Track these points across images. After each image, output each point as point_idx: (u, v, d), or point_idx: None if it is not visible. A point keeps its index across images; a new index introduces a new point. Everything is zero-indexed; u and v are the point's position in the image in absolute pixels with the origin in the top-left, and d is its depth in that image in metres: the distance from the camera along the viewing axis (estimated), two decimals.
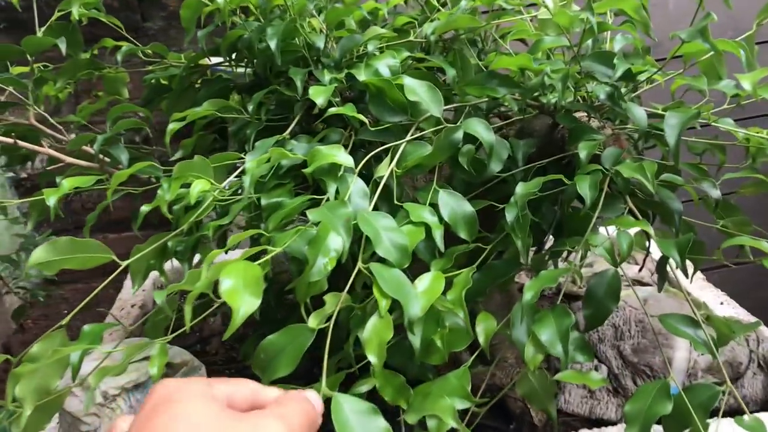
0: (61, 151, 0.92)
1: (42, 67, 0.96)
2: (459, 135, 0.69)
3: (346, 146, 0.73)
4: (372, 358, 0.59)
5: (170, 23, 1.59)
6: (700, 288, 1.14)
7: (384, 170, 0.69)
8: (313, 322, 0.61)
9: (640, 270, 1.14)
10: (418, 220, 0.67)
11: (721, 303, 1.07)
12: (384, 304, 0.59)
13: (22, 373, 0.60)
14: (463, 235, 0.69)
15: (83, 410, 0.75)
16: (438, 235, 0.67)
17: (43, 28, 0.91)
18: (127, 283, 1.23)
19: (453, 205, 0.70)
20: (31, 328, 1.69)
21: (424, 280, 0.63)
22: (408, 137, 0.72)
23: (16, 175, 1.66)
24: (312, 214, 0.62)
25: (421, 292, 0.62)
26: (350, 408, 0.55)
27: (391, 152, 0.72)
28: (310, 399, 0.46)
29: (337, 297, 0.62)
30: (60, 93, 1.03)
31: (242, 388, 0.44)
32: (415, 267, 0.65)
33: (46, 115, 0.92)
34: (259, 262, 0.59)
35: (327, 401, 0.55)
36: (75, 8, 0.86)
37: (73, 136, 0.95)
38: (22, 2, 0.91)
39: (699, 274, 1.22)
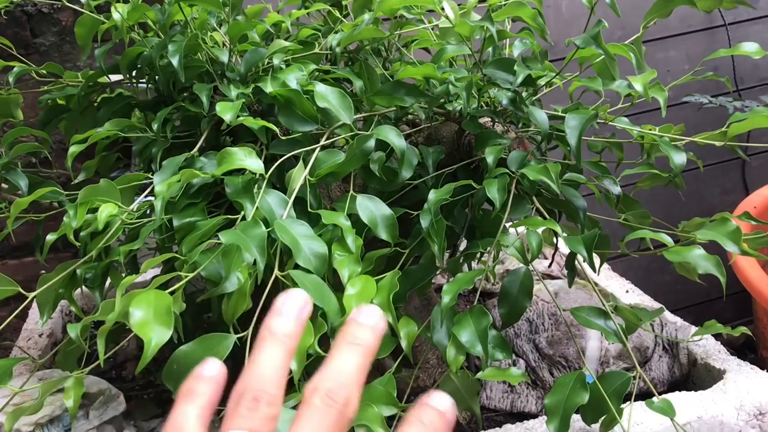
0: None
1: None
2: (371, 143, 0.70)
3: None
4: (292, 365, 0.59)
5: (63, 38, 1.53)
6: (607, 278, 1.20)
7: (298, 178, 0.69)
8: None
9: (550, 265, 1.18)
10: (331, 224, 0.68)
11: (627, 291, 1.13)
12: None
13: None
14: (384, 236, 0.70)
15: None
16: (350, 239, 0.67)
17: None
18: (33, 312, 1.17)
19: (372, 208, 0.70)
20: None
21: (356, 284, 0.63)
22: (321, 144, 0.72)
23: None
24: (224, 237, 0.61)
25: (354, 295, 0.62)
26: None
27: (303, 160, 0.72)
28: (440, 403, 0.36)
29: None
30: None
31: None
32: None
33: None
34: (173, 288, 0.58)
35: None
36: None
37: None
38: None
39: (604, 264, 1.27)
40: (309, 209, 0.70)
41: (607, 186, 0.79)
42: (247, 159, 0.67)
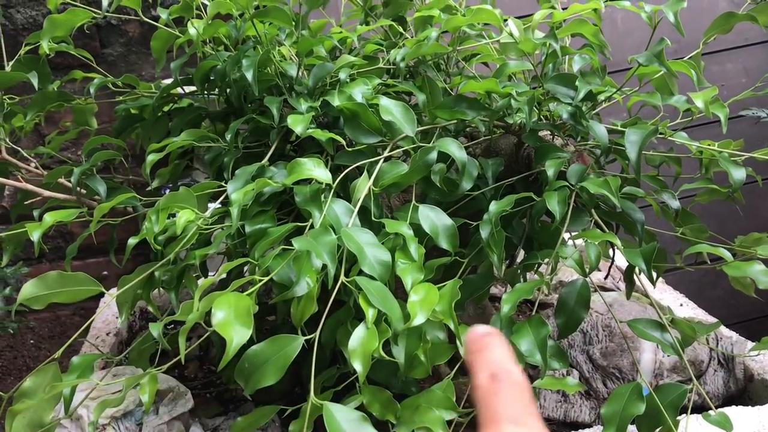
0: (33, 183, 0.92)
1: (8, 100, 0.96)
2: (433, 155, 0.72)
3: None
4: (357, 366, 0.61)
5: (130, 49, 1.59)
6: (660, 291, 1.20)
7: (362, 188, 0.72)
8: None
9: (606, 278, 1.19)
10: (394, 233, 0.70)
11: (681, 305, 1.13)
12: (371, 314, 0.62)
13: (18, 410, 0.61)
14: (445, 245, 0.72)
15: None
16: (413, 247, 0.69)
17: (11, 62, 0.91)
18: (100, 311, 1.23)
19: (433, 218, 0.72)
20: None
21: (420, 291, 0.65)
22: (385, 155, 0.75)
23: None
24: (297, 243, 0.64)
25: (417, 302, 0.64)
26: (342, 417, 0.56)
27: (367, 171, 0.74)
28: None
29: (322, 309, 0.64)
30: (27, 125, 1.04)
31: None
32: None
33: (19, 148, 0.93)
34: (249, 292, 0.61)
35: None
36: (45, 42, 0.87)
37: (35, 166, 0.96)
38: None
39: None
40: (372, 218, 0.73)
41: (666, 200, 0.80)
42: (316, 169, 0.70)
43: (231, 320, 0.53)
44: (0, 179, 0.82)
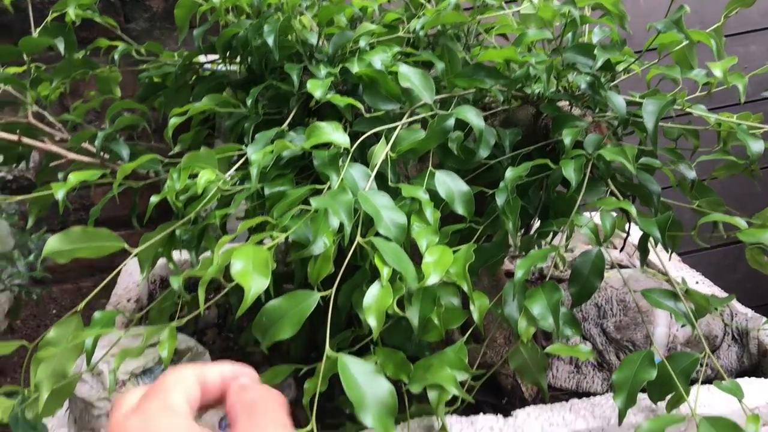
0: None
1: (35, 67, 0.98)
2: (451, 121, 0.73)
3: None
4: (372, 322, 0.62)
5: (154, 24, 1.61)
6: (677, 269, 1.20)
7: (380, 153, 0.73)
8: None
9: (621, 250, 1.19)
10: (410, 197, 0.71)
11: (697, 282, 1.13)
12: (386, 272, 0.63)
13: (43, 357, 0.63)
14: (461, 210, 0.72)
15: (96, 394, 0.77)
16: (429, 211, 0.70)
17: (38, 29, 0.93)
18: (122, 278, 1.25)
19: (450, 183, 0.73)
20: (21, 328, 1.70)
21: (434, 253, 0.66)
22: (403, 122, 0.76)
23: (2, 178, 1.67)
24: (315, 201, 0.65)
25: (431, 263, 0.65)
26: (357, 369, 0.58)
27: (384, 137, 0.75)
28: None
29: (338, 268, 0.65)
30: (53, 93, 1.06)
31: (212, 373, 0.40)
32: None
33: (45, 113, 0.94)
34: (267, 246, 0.62)
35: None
36: (71, 9, 0.88)
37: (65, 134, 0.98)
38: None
39: (675, 256, 1.27)
40: (389, 184, 0.74)
41: (683, 171, 0.80)
42: (334, 133, 0.71)
43: (249, 270, 0.55)
44: (27, 140, 0.84)
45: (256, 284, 0.54)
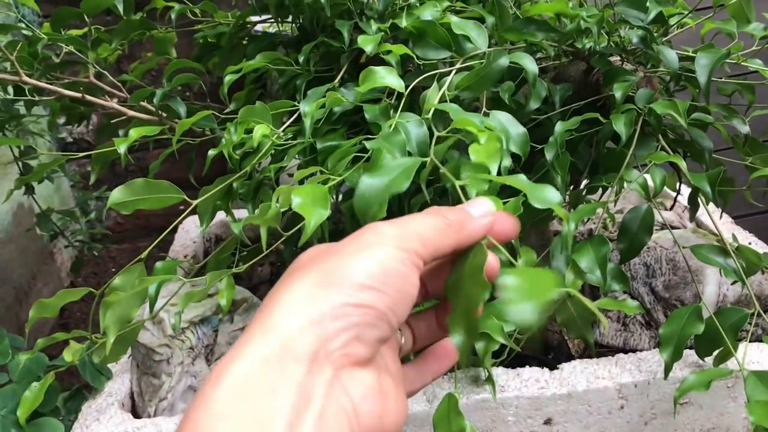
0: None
1: (95, 29, 1.01)
2: (505, 60, 0.71)
3: (390, 94, 0.78)
4: None
5: None
6: (729, 230, 1.18)
7: (434, 97, 0.73)
8: None
9: (671, 209, 1.18)
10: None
11: (749, 243, 1.11)
12: None
13: (111, 302, 0.66)
14: (515, 149, 0.71)
15: (158, 341, 0.81)
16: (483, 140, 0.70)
17: None
18: (178, 236, 1.29)
19: (506, 123, 0.71)
20: (82, 285, 1.77)
21: None
22: (456, 67, 0.75)
23: (63, 139, 1.73)
24: (370, 144, 0.66)
25: None
26: None
27: (437, 81, 0.75)
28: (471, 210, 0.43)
29: None
30: (111, 55, 1.09)
31: None
32: None
33: (106, 73, 0.98)
34: (325, 185, 0.64)
35: None
36: None
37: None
38: None
39: (728, 218, 1.25)
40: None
41: (736, 125, 0.79)
42: (388, 76, 0.71)
43: (309, 202, 0.56)
44: (89, 97, 0.88)
45: (316, 215, 0.55)
